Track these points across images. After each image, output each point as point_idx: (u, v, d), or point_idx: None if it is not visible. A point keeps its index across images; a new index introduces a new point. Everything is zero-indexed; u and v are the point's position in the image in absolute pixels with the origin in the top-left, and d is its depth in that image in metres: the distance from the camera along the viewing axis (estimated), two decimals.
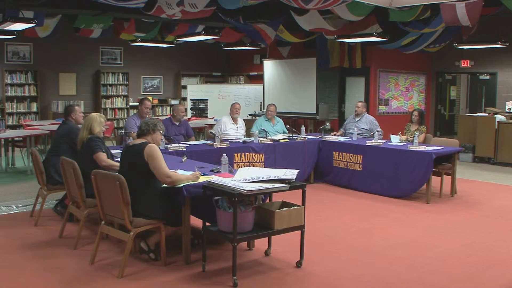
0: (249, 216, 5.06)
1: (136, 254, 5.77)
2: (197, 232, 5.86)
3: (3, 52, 15.73)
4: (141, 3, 9.30)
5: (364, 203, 8.69)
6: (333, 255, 6.01)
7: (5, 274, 5.34)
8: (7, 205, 8.19)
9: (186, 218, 5.44)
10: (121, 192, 5.07)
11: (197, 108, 17.26)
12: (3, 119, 15.70)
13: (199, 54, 18.87)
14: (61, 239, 6.42)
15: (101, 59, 17.47)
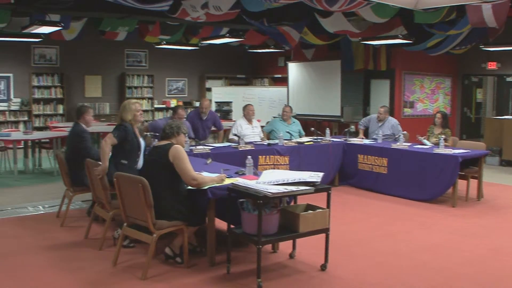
0: (273, 218, 5.05)
1: (159, 256, 5.78)
2: (203, 240, 5.88)
3: (30, 55, 15.93)
4: (166, 6, 9.35)
5: (389, 206, 8.64)
6: (358, 259, 5.98)
7: (30, 274, 5.40)
8: (34, 205, 8.29)
9: (211, 220, 5.45)
10: (144, 195, 5.08)
11: (221, 110, 17.26)
12: (30, 121, 15.88)
13: (223, 57, 18.90)
14: (87, 240, 6.48)
15: (126, 61, 17.58)
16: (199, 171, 5.86)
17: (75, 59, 16.47)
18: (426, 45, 12.02)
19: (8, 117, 15.72)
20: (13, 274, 5.39)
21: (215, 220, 5.51)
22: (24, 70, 15.91)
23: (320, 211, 5.34)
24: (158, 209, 5.25)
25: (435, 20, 9.71)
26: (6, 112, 15.69)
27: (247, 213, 5.02)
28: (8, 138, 11.10)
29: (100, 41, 14.64)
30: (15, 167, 10.82)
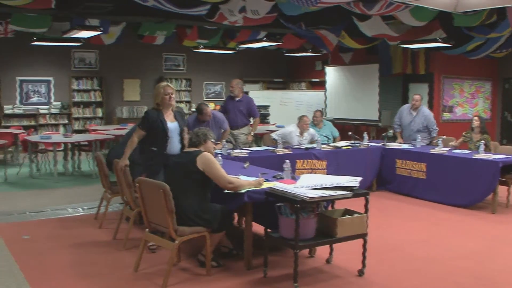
0: (311, 223, 5.04)
1: (190, 261, 5.81)
2: (239, 242, 5.88)
3: (70, 59, 16.18)
4: (204, 10, 9.42)
5: (427, 211, 8.54)
6: (395, 264, 5.92)
7: (48, 275, 5.48)
8: (73, 207, 8.42)
9: (248, 224, 5.46)
10: (165, 200, 5.01)
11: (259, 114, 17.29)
12: (69, 124, 16.11)
13: (261, 60, 18.92)
14: (116, 242, 6.53)
15: (164, 65, 17.73)
16: (236, 175, 5.87)
17: (114, 63, 16.67)
18: (465, 49, 11.87)
19: (48, 120, 15.98)
20: (37, 274, 5.49)
21: (252, 223, 5.51)
22: (64, 74, 16.16)
23: (357, 216, 5.30)
24: (181, 215, 5.21)
25: (475, 23, 9.59)
26: (47, 115, 15.96)
27: (284, 217, 5.01)
28: (49, 141, 11.27)
29: (138, 45, 14.80)
30: (55, 169, 10.98)
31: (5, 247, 6.36)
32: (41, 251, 6.25)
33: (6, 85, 15.37)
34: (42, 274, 5.51)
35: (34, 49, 14.80)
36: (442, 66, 14.23)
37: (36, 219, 7.82)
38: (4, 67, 15.29)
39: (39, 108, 15.83)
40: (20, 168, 11.86)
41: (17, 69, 15.52)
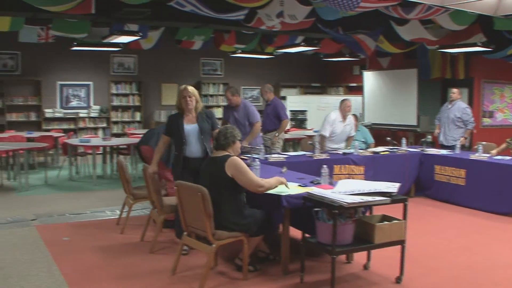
0: (348, 228, 5.00)
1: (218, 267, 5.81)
2: (275, 247, 5.86)
3: (109, 63, 16.40)
4: (241, 15, 9.44)
5: (466, 219, 8.41)
6: (434, 272, 5.84)
7: (87, 276, 5.55)
8: (111, 209, 8.51)
9: (285, 228, 5.45)
10: (203, 204, 5.00)
11: (296, 119, 17.27)
12: (108, 128, 16.33)
13: (298, 65, 18.91)
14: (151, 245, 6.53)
15: (202, 70, 17.85)
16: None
17: (153, 68, 16.84)
18: (506, 53, 11.66)
19: (88, 123, 16.22)
20: (75, 275, 5.56)
21: (289, 228, 5.50)
22: (103, 78, 16.38)
23: (396, 222, 5.25)
24: (217, 220, 5.19)
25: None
26: (86, 119, 16.19)
27: (322, 222, 4.99)
28: (88, 144, 11.42)
29: (176, 50, 14.93)
30: (94, 172, 11.12)
31: (45, 248, 6.47)
32: (80, 252, 6.34)
33: (46, 89, 15.63)
34: (80, 275, 5.58)
35: (74, 54, 15.04)
36: (482, 71, 14.03)
37: (76, 221, 7.93)
38: (45, 72, 15.57)
39: (79, 112, 16.08)
40: (60, 170, 12.05)
41: (57, 73, 15.79)
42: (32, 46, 13.53)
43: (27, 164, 10.86)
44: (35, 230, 7.30)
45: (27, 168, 10.73)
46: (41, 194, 9.94)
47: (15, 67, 15.30)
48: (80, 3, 8.34)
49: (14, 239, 6.87)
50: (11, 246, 6.54)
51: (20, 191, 10.14)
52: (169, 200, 6.36)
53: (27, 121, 15.46)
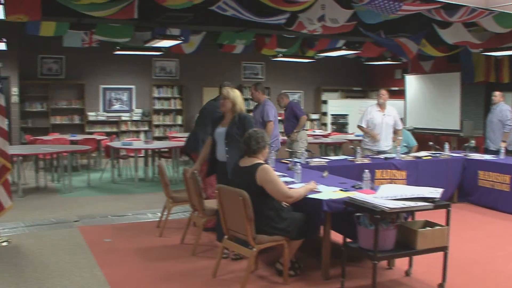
0: (390, 234, 4.94)
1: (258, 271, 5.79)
2: (301, 256, 5.83)
3: (151, 67, 16.57)
4: (283, 19, 9.45)
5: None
6: (478, 280, 5.73)
7: (128, 277, 5.58)
8: (153, 212, 8.57)
9: (326, 233, 5.42)
10: (244, 208, 4.99)
11: (337, 123, 17.20)
12: (150, 131, 16.50)
13: (339, 69, 18.83)
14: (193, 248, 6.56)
15: (243, 74, 17.91)
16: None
17: (194, 72, 16.95)
18: None
19: (130, 126, 16.41)
20: (117, 276, 5.61)
21: (330, 233, 5.47)
22: (145, 82, 16.57)
23: (438, 228, 5.17)
24: (256, 224, 5.16)
25: None
26: (128, 122, 16.40)
27: (363, 227, 4.94)
28: (130, 147, 11.55)
29: (218, 54, 15.00)
30: (135, 175, 11.24)
31: (87, 249, 6.56)
32: (121, 254, 6.41)
33: (90, 93, 15.89)
34: (122, 276, 5.64)
35: (117, 58, 15.24)
36: None
37: (118, 223, 8.02)
38: (88, 76, 15.82)
39: (121, 115, 16.30)
40: (103, 173, 12.21)
41: (100, 77, 16.03)
42: (76, 51, 13.76)
43: (70, 166, 11.04)
44: (78, 231, 7.41)
45: (70, 170, 10.90)
46: (84, 196, 10.09)
47: (59, 71, 15.58)
48: (123, 8, 8.46)
49: (58, 239, 6.99)
50: (55, 247, 6.65)
51: (64, 193, 10.31)
52: (210, 203, 6.38)
53: (70, 124, 15.73)
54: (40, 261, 6.09)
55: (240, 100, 6.23)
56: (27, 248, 6.61)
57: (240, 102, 6.22)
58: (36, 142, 12.46)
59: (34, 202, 9.44)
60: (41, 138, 12.78)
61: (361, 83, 19.41)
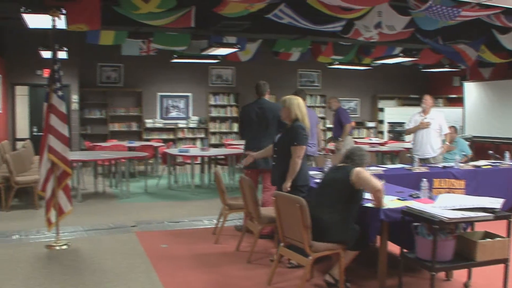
0: (449, 244, 4.85)
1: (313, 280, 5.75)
2: (371, 261, 5.76)
3: (208, 75, 16.72)
4: (339, 26, 9.42)
5: None
6: None
7: (185, 284, 5.62)
8: (209, 219, 8.63)
9: (383, 243, 5.35)
10: (301, 215, 4.97)
11: (394, 131, 17.00)
12: (206, 138, 16.63)
13: (396, 76, 18.63)
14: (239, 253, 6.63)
15: (299, 81, 17.89)
16: None
17: (250, 79, 16.96)
18: None
19: (186, 134, 16.58)
20: (173, 282, 5.64)
21: (387, 243, 5.40)
22: (202, 90, 16.73)
23: (499, 240, 5.04)
24: (320, 228, 5.16)
25: None
26: (185, 129, 16.57)
27: (421, 237, 4.87)
28: (187, 154, 11.65)
29: (274, 62, 15.03)
30: (192, 182, 11.34)
31: (144, 254, 6.65)
32: (177, 260, 6.47)
33: (147, 100, 16.13)
34: (178, 282, 5.69)
35: (174, 66, 15.46)
36: None
37: (174, 229, 8.11)
38: (146, 83, 16.07)
39: (178, 122, 16.48)
40: (159, 179, 12.37)
41: (157, 85, 16.27)
42: (133, 59, 14.02)
43: (128, 172, 11.22)
44: (135, 236, 7.53)
45: (128, 176, 11.08)
46: (141, 202, 10.24)
47: (118, 79, 15.88)
48: (180, 17, 8.58)
49: (115, 244, 7.11)
50: (112, 251, 6.77)
51: (121, 199, 10.49)
52: (266, 211, 6.39)
53: (128, 131, 16.00)
54: (98, 265, 6.21)
55: (297, 108, 6.10)
56: (85, 252, 6.76)
57: (297, 109, 6.10)
58: (95, 148, 12.72)
59: (93, 207, 9.63)
60: (100, 145, 13.04)
61: (418, 91, 19.10)
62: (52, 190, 6.95)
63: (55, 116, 6.85)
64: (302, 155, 5.91)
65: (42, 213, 7.51)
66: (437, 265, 4.74)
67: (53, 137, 6.84)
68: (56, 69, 6.89)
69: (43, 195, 6.99)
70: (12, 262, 6.25)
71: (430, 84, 18.98)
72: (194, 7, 8.57)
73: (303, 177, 5.99)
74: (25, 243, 7.16)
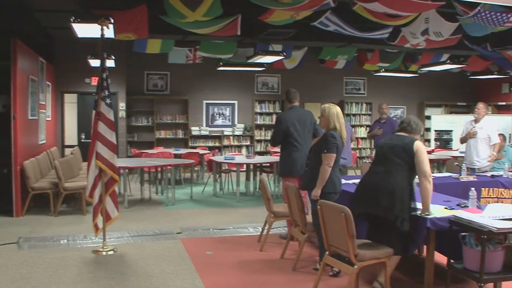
0: (498, 255, 4.75)
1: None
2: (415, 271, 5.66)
3: (254, 83, 16.77)
4: (385, 33, 9.35)
5: None
6: None
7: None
8: (254, 226, 8.64)
9: (430, 252, 5.27)
10: (346, 224, 4.92)
11: (441, 139, 16.77)
12: (252, 146, 16.66)
13: (443, 83, 18.38)
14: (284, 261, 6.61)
15: (345, 89, 17.80)
16: (418, 201, 5.68)
17: (295, 87, 16.74)
18: None
19: (232, 141, 16.65)
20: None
21: (434, 253, 5.32)
22: (247, 98, 16.79)
23: None
24: (377, 191, 5.30)
25: None
26: (231, 137, 16.63)
27: (469, 248, 4.78)
28: (232, 162, 11.70)
29: (319, 69, 15.03)
30: (237, 189, 11.37)
31: (189, 260, 6.70)
32: (222, 266, 6.49)
33: (193, 108, 16.27)
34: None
35: (220, 74, 15.57)
36: None
37: (219, 236, 8.14)
38: (192, 91, 16.22)
39: (224, 130, 16.56)
40: (205, 186, 12.43)
41: (203, 93, 16.39)
42: (180, 67, 14.20)
43: (174, 179, 11.31)
44: (180, 243, 7.58)
45: (173, 183, 11.17)
46: (186, 209, 10.31)
47: (164, 87, 16.06)
48: (226, 25, 8.63)
49: (161, 250, 7.17)
50: (158, 257, 6.83)
51: (167, 205, 10.59)
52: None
53: (174, 138, 16.15)
54: (143, 270, 6.28)
55: (335, 118, 6.12)
56: (131, 257, 6.85)
57: (335, 120, 6.11)
58: (142, 155, 12.87)
59: (139, 213, 9.74)
60: (146, 152, 13.19)
61: (466, 98, 18.83)
62: (99, 196, 7.06)
63: (103, 124, 6.96)
64: (331, 163, 5.93)
65: (89, 219, 7.65)
66: (485, 276, 4.65)
67: (101, 144, 6.95)
68: (104, 77, 7.01)
69: (91, 201, 7.10)
70: (60, 267, 6.37)
71: (478, 91, 18.68)
72: (240, 15, 8.61)
73: (331, 184, 5.98)
74: (73, 248, 7.30)
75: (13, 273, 6.10)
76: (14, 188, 9.22)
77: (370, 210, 5.41)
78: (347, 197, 6.12)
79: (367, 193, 5.45)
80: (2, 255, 6.83)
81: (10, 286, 5.64)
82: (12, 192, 9.22)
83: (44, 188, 9.61)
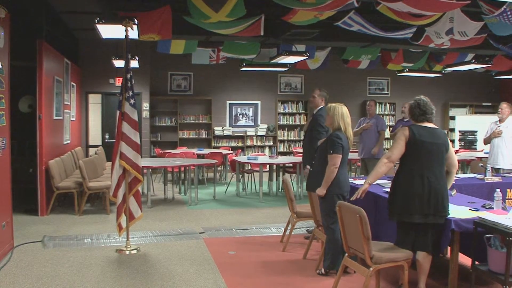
0: None
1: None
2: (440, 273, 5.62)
3: (277, 83, 16.77)
4: (409, 33, 9.30)
5: None
6: None
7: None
8: (276, 227, 8.63)
9: (454, 254, 5.22)
10: (361, 226, 4.87)
11: (465, 139, 16.62)
12: (275, 146, 16.66)
13: (467, 83, 18.23)
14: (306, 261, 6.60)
15: (369, 89, 17.72)
16: None
17: (318, 87, 16.95)
18: None
19: (255, 141, 16.66)
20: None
21: (459, 254, 5.26)
22: (270, 98, 16.80)
23: None
24: (436, 199, 5.21)
25: None
26: (254, 137, 16.65)
27: (494, 250, 4.73)
28: (255, 162, 11.70)
29: (342, 70, 14.99)
30: (260, 189, 11.36)
31: (212, 260, 6.71)
32: (245, 267, 6.49)
33: (217, 109, 16.32)
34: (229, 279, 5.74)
35: (243, 74, 15.60)
36: None
37: (242, 236, 8.15)
38: (215, 92, 16.27)
39: (247, 130, 16.58)
40: (228, 186, 12.46)
41: (226, 93, 16.44)
42: (203, 68, 14.25)
43: (197, 179, 11.35)
44: (203, 243, 7.60)
45: (197, 183, 11.21)
46: (209, 209, 10.34)
47: (187, 87, 16.14)
48: (250, 25, 8.64)
49: (184, 250, 7.20)
50: (181, 257, 6.86)
51: (190, 205, 10.63)
52: None
53: (198, 138, 16.22)
54: (166, 270, 6.30)
55: (340, 118, 6.18)
56: (154, 257, 6.88)
57: (340, 119, 6.17)
58: (165, 155, 12.94)
59: (162, 213, 9.79)
60: (170, 152, 13.26)
61: (491, 98, 18.64)
62: (123, 196, 7.11)
63: (127, 124, 7.00)
64: (337, 164, 5.91)
65: (113, 218, 7.69)
66: (510, 279, 4.60)
67: (125, 144, 6.99)
68: (128, 78, 7.05)
69: (115, 201, 7.14)
70: (83, 265, 6.42)
71: (504, 91, 18.47)
72: (263, 15, 8.62)
73: (337, 184, 5.96)
74: (96, 247, 7.35)
75: (37, 271, 6.17)
76: (39, 187, 9.34)
77: (432, 219, 5.21)
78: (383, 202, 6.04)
79: (432, 201, 5.21)
80: (28, 254, 6.91)
81: (35, 284, 5.70)
82: (37, 191, 9.34)
83: (68, 187, 9.70)
